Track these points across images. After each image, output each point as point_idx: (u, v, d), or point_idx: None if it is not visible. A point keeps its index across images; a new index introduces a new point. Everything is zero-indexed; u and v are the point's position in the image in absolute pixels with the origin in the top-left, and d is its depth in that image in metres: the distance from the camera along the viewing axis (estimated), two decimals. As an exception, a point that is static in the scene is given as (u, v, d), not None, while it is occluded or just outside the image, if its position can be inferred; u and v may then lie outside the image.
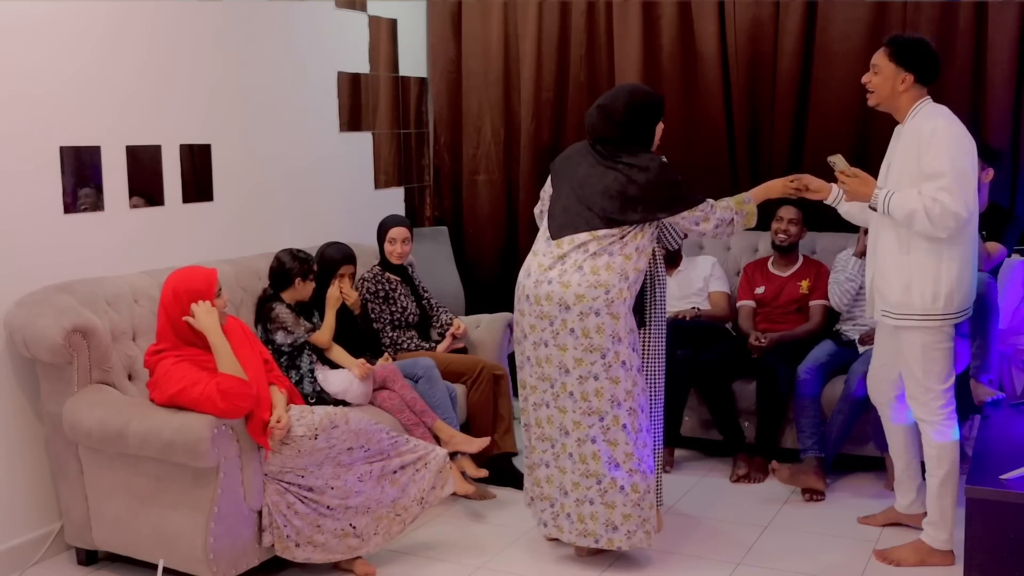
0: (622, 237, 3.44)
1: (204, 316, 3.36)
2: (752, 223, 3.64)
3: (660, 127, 3.62)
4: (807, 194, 3.66)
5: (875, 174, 3.51)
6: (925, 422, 3.46)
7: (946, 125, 3.30)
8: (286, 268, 4.05)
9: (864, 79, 3.47)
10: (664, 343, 3.81)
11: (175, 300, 3.38)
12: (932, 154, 3.25)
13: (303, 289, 4.08)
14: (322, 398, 3.99)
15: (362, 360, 4.07)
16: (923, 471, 3.64)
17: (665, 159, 3.57)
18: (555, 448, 3.53)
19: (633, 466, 3.45)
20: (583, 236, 3.45)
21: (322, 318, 4.16)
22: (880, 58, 3.42)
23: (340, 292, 4.20)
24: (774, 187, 3.68)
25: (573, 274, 3.41)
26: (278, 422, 3.34)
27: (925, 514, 3.65)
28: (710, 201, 3.52)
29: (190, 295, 3.38)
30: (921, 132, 3.31)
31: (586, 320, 3.39)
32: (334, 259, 4.32)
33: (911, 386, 3.46)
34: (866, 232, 4.38)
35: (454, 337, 4.65)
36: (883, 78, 3.40)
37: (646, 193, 3.42)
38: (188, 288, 3.38)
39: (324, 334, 4.08)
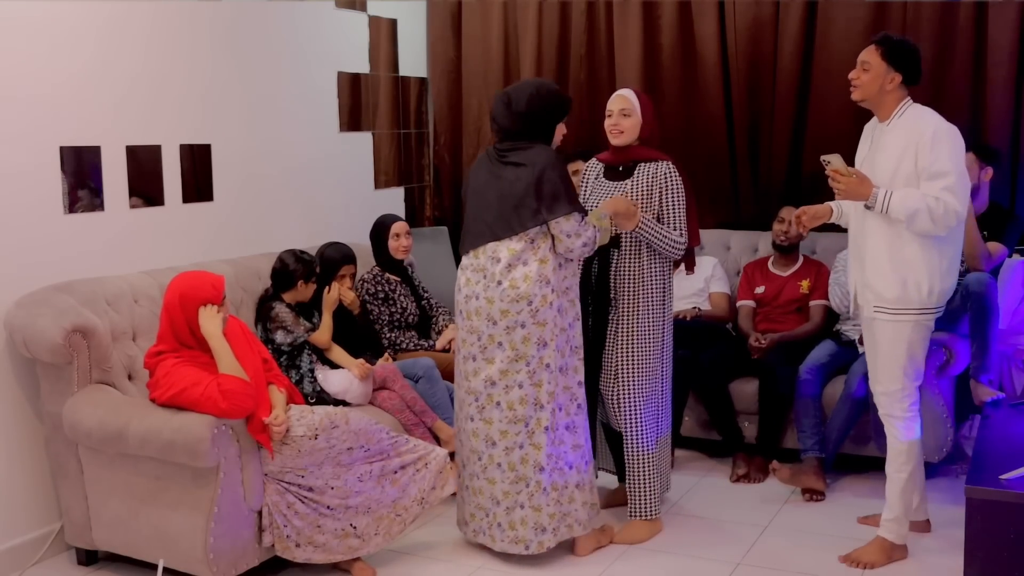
0: (532, 242, 3.49)
1: (208, 321, 3.36)
2: (606, 239, 3.64)
3: (561, 129, 3.65)
4: (813, 222, 3.64)
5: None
6: (894, 418, 3.50)
7: (946, 126, 3.35)
8: (290, 270, 4.05)
9: (852, 75, 3.47)
10: (671, 341, 3.84)
11: (180, 306, 3.37)
12: (936, 154, 3.29)
13: (304, 291, 4.08)
14: (322, 398, 3.99)
15: (361, 360, 4.07)
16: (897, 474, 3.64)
17: (557, 153, 3.58)
18: (482, 460, 3.58)
19: (552, 465, 3.53)
20: (491, 246, 3.52)
21: (321, 318, 4.16)
22: (871, 55, 3.42)
23: (337, 294, 4.19)
24: (619, 203, 3.66)
25: (494, 289, 3.48)
26: (275, 420, 3.34)
27: (926, 521, 3.71)
28: (584, 218, 3.52)
29: (197, 302, 3.37)
30: (919, 132, 3.33)
31: (512, 333, 3.47)
32: (334, 260, 4.32)
33: (886, 380, 3.49)
34: None
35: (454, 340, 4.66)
36: (872, 76, 3.41)
37: (534, 187, 3.45)
38: (196, 296, 3.37)
39: (323, 334, 4.08)
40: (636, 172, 3.78)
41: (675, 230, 3.73)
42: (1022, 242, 4.34)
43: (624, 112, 3.76)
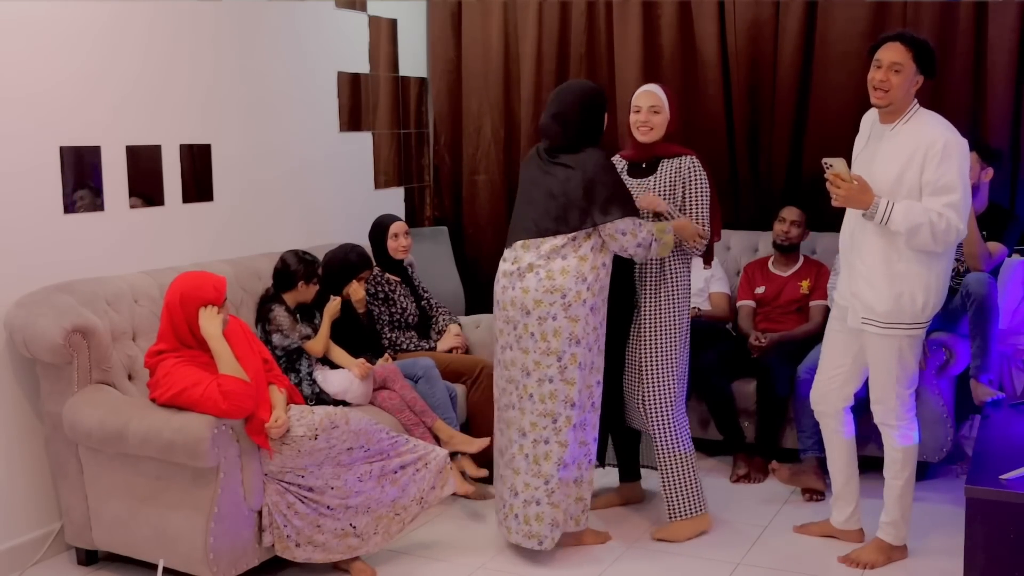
0: (574, 239, 3.50)
1: (208, 322, 3.35)
2: (666, 253, 3.63)
3: (606, 117, 3.68)
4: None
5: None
6: (889, 426, 3.49)
7: (954, 139, 3.22)
8: (291, 270, 4.04)
9: (879, 77, 3.26)
10: (688, 339, 3.83)
11: (181, 306, 3.36)
12: (944, 168, 3.17)
13: (306, 292, 4.08)
14: (321, 399, 3.98)
15: (362, 360, 4.07)
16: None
17: (606, 155, 3.59)
18: (512, 449, 3.61)
19: (571, 461, 3.57)
20: (534, 241, 3.53)
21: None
22: (902, 56, 3.23)
23: (338, 304, 4.14)
24: (688, 228, 3.68)
25: (531, 279, 3.51)
26: (275, 422, 3.34)
27: (860, 530, 3.70)
28: (640, 220, 3.52)
29: (198, 302, 3.37)
30: (928, 142, 3.20)
31: (544, 324, 3.48)
32: (356, 265, 4.31)
33: (879, 391, 3.47)
34: None
35: (456, 348, 4.66)
36: (903, 79, 3.23)
37: (584, 191, 3.47)
38: (197, 296, 3.37)
39: (318, 343, 4.05)
40: (659, 168, 3.76)
41: (698, 225, 3.71)
42: (1022, 242, 4.34)
43: (654, 109, 3.72)
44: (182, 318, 3.37)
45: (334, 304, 4.14)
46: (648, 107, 3.73)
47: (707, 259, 3.91)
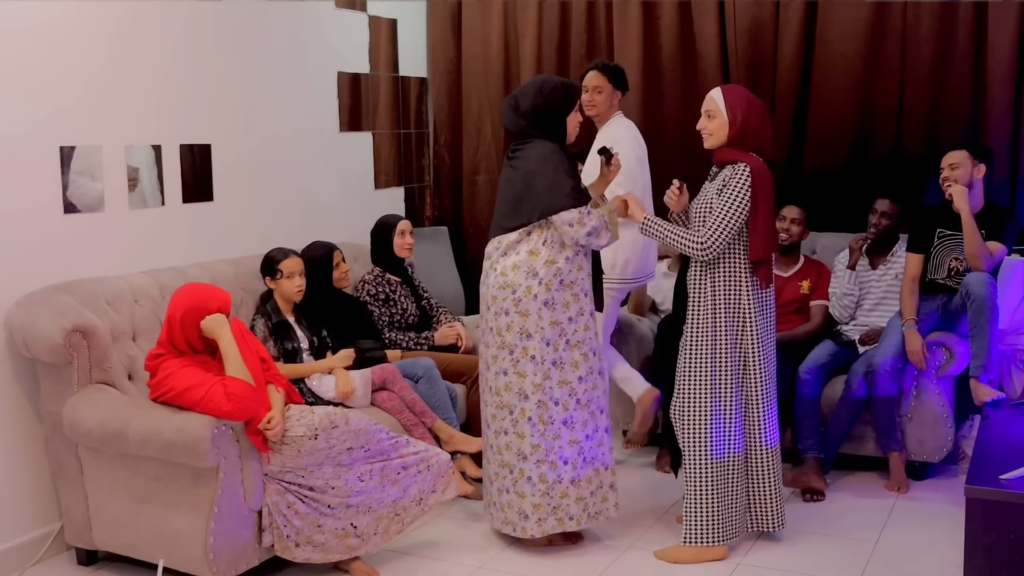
0: (528, 233, 3.55)
1: (218, 327, 3.36)
2: (616, 232, 3.62)
3: (574, 118, 3.63)
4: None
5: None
6: None
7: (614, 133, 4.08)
8: (268, 256, 4.08)
9: (585, 98, 4.20)
10: (752, 360, 3.58)
11: (182, 324, 3.35)
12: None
13: (288, 285, 4.01)
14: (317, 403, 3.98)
15: (348, 380, 4.01)
16: None
17: (555, 147, 3.54)
18: (486, 440, 3.72)
19: (540, 457, 3.57)
20: (498, 237, 3.62)
21: (331, 334, 4.16)
22: (601, 81, 4.25)
23: (350, 360, 4.09)
24: (630, 197, 3.69)
25: (491, 275, 3.61)
26: (269, 422, 3.34)
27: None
28: (587, 208, 3.49)
29: (199, 321, 3.36)
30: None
31: (499, 319, 3.57)
32: (326, 252, 4.29)
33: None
34: (859, 245, 4.44)
35: (458, 339, 4.65)
36: (604, 97, 4.25)
37: (526, 184, 3.51)
38: (199, 317, 3.35)
39: (285, 369, 3.87)
40: (719, 176, 3.55)
41: (707, 231, 3.41)
42: (1021, 242, 4.34)
43: (709, 114, 3.53)
44: (181, 336, 3.37)
45: (347, 354, 4.07)
46: (703, 112, 3.55)
47: (762, 279, 3.52)
